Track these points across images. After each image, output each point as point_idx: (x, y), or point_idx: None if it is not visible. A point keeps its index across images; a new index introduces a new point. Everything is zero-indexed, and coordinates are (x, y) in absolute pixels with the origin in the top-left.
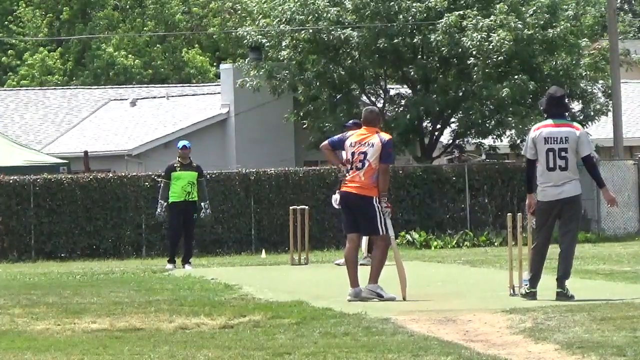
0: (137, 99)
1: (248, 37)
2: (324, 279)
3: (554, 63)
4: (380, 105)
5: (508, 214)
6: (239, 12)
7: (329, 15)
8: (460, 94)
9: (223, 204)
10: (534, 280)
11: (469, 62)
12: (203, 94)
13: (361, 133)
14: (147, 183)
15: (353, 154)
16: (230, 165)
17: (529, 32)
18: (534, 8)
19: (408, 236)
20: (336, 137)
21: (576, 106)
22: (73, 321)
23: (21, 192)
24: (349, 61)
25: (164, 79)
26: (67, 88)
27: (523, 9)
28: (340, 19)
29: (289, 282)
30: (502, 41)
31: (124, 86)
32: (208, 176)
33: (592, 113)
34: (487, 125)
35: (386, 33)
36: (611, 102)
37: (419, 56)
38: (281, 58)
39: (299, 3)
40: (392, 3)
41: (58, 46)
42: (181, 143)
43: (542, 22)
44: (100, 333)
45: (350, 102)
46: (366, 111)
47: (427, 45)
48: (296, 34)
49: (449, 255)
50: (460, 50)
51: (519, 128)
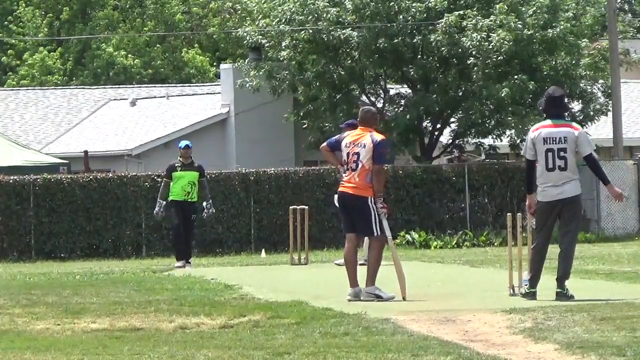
0: (137, 99)
1: (248, 38)
2: (324, 279)
3: (554, 63)
4: (380, 105)
5: (508, 214)
6: (239, 12)
7: (329, 15)
8: (460, 94)
9: (223, 204)
10: (534, 280)
11: (469, 62)
12: (203, 94)
13: (356, 133)
14: (147, 183)
15: (348, 155)
16: (230, 165)
17: (529, 32)
18: (534, 8)
19: (408, 236)
20: (334, 138)
21: (576, 106)
22: (73, 321)
23: (21, 192)
24: (349, 61)
25: (164, 79)
26: (67, 88)
27: (523, 9)
28: (340, 19)
29: (289, 282)
30: (502, 41)
31: (124, 86)
32: (208, 176)
33: (592, 113)
34: (487, 125)
35: (386, 33)
36: (611, 102)
37: (419, 56)
38: (281, 58)
39: (299, 3)
40: (392, 3)
41: (58, 46)
42: (183, 143)
43: (542, 22)
44: (100, 333)
45: (350, 102)
46: (362, 111)
47: (427, 45)
48: (296, 34)
49: (449, 255)
50: (460, 50)
51: (519, 128)
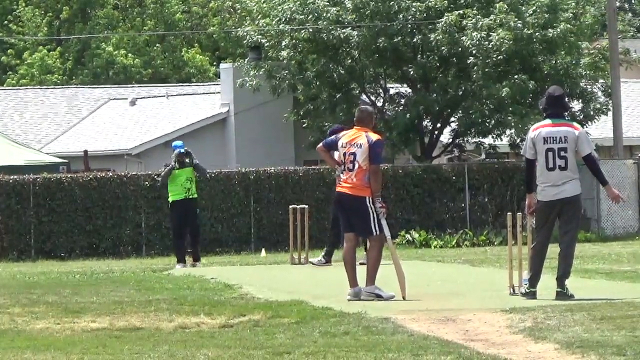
0: (137, 99)
1: (248, 37)
2: (324, 279)
3: (554, 62)
4: (380, 104)
5: (508, 214)
6: (239, 12)
7: (329, 14)
8: (460, 93)
9: (223, 204)
10: (534, 279)
11: (469, 62)
12: (203, 94)
13: (352, 133)
14: (147, 182)
15: (344, 155)
16: (230, 164)
17: (529, 32)
18: (534, 8)
19: (408, 236)
20: (330, 138)
21: (576, 105)
22: (73, 320)
23: (21, 192)
24: (349, 60)
25: (164, 79)
26: (67, 87)
27: (523, 9)
28: (340, 19)
29: (289, 282)
30: (502, 40)
31: (124, 85)
32: (208, 175)
33: (592, 112)
34: (487, 124)
35: (386, 32)
36: (611, 102)
37: (419, 55)
38: (281, 58)
39: (299, 3)
40: (392, 2)
41: (58, 45)
42: (177, 145)
43: (542, 22)
44: (100, 332)
45: (350, 102)
46: (358, 111)
47: (427, 44)
48: (296, 34)
49: (449, 254)
50: (460, 49)
51: (519, 127)
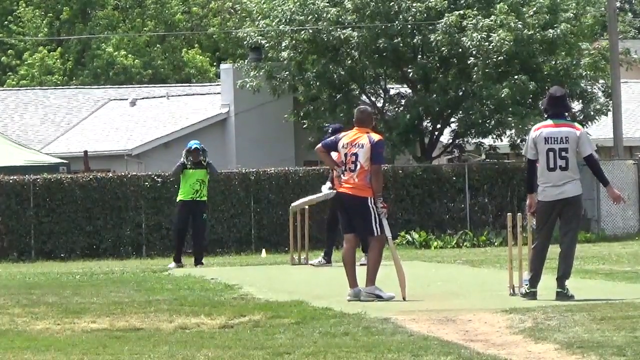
0: (137, 99)
1: (248, 38)
2: (324, 279)
3: (554, 63)
4: (380, 105)
5: (508, 214)
6: (239, 12)
7: (329, 15)
8: (460, 94)
9: (223, 204)
10: (534, 280)
11: (469, 62)
12: (203, 94)
13: (353, 134)
14: (147, 183)
15: (346, 156)
16: (230, 165)
17: (529, 33)
18: (534, 9)
19: (408, 236)
20: (329, 139)
21: (576, 106)
22: (73, 321)
23: (21, 192)
24: (349, 61)
25: (164, 79)
26: (67, 88)
27: (524, 9)
28: (340, 19)
29: (289, 282)
30: (502, 41)
31: (124, 86)
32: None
33: (592, 113)
34: (487, 125)
35: (386, 33)
36: (611, 102)
37: (419, 56)
38: (281, 58)
39: (299, 3)
40: (392, 3)
41: (58, 46)
42: (193, 144)
43: (543, 23)
44: (100, 333)
45: (350, 102)
46: (357, 111)
47: (427, 45)
48: (296, 35)
49: (449, 255)
50: (460, 50)
51: (519, 128)
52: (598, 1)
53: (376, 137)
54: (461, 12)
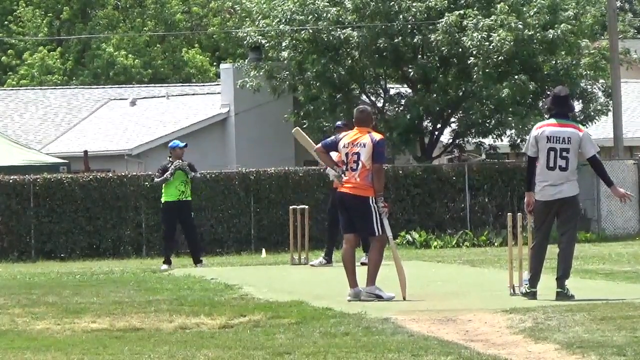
0: (137, 99)
1: (248, 38)
2: (324, 279)
3: (554, 63)
4: (380, 104)
5: (508, 214)
6: (239, 12)
7: (329, 15)
8: (460, 94)
9: (223, 204)
10: (534, 279)
11: (469, 62)
12: (203, 94)
13: (354, 134)
14: (147, 183)
15: (347, 155)
16: (230, 165)
17: (530, 33)
18: (535, 9)
19: (408, 236)
20: (329, 139)
21: (576, 106)
22: (73, 321)
23: (21, 192)
24: (349, 61)
25: (164, 79)
26: (67, 88)
27: (524, 9)
28: (340, 19)
29: (289, 282)
30: (503, 41)
31: (124, 86)
32: (208, 176)
33: (592, 113)
34: (487, 125)
35: (386, 33)
36: (611, 102)
37: (419, 56)
38: (281, 58)
39: (299, 3)
40: (392, 3)
41: (58, 46)
42: (179, 143)
43: (543, 23)
44: (100, 333)
45: (350, 102)
46: (357, 111)
47: (427, 44)
48: (296, 34)
49: (449, 255)
50: (460, 50)
51: (519, 128)
52: (598, 1)
53: (378, 137)
54: (461, 12)
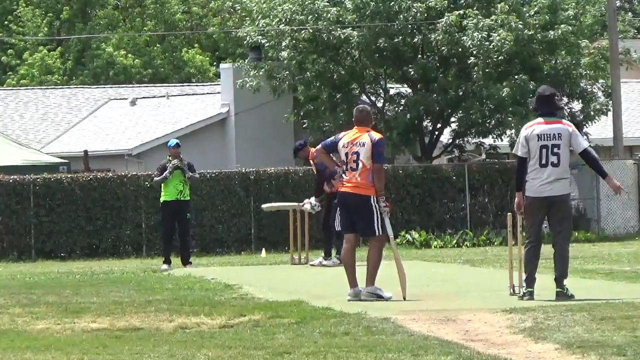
0: (137, 99)
1: (248, 38)
2: (324, 279)
3: (554, 63)
4: (380, 104)
5: (508, 214)
6: (239, 12)
7: (329, 15)
8: (460, 94)
9: (223, 204)
10: (530, 280)
11: (469, 62)
12: (203, 94)
13: (353, 133)
14: (147, 183)
15: (347, 155)
16: (230, 165)
17: (530, 33)
18: (535, 9)
19: (408, 236)
20: (329, 140)
21: (576, 106)
22: (73, 321)
23: (21, 192)
24: (349, 61)
25: (164, 79)
26: (67, 87)
27: (524, 9)
28: (340, 19)
29: (289, 282)
30: (503, 41)
31: (124, 86)
32: (208, 176)
33: (592, 113)
34: (487, 124)
35: (386, 32)
36: (611, 102)
37: (419, 56)
38: (281, 58)
39: (299, 3)
40: (392, 3)
41: (58, 45)
42: (172, 141)
43: (543, 23)
44: (100, 332)
45: (350, 102)
46: (357, 110)
47: (428, 44)
48: (296, 34)
49: (449, 254)
50: (460, 49)
51: (519, 128)
52: (598, 1)
53: (377, 136)
54: (461, 12)
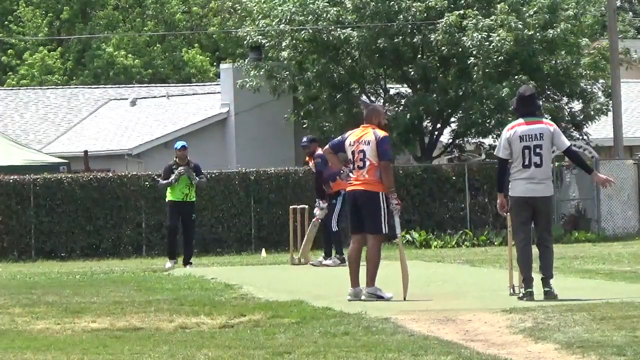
0: (137, 99)
1: (248, 38)
2: (324, 279)
3: (554, 62)
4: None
5: (508, 214)
6: (239, 12)
7: (329, 15)
8: (460, 94)
9: (223, 204)
10: (528, 281)
11: (469, 62)
12: (203, 94)
13: (359, 132)
14: (147, 183)
15: (353, 153)
16: (230, 165)
17: (530, 33)
18: (535, 9)
19: (408, 236)
20: (336, 140)
21: (576, 106)
22: (73, 320)
23: (21, 192)
24: (349, 61)
25: (164, 79)
26: (67, 88)
27: (524, 9)
28: (340, 19)
29: (289, 282)
30: (503, 41)
31: (124, 86)
32: (208, 175)
33: (592, 113)
34: (487, 125)
35: (386, 33)
36: (611, 102)
37: (419, 56)
38: (281, 58)
39: (299, 3)
40: (392, 3)
41: (58, 46)
42: (179, 144)
43: (543, 22)
44: (100, 332)
45: (350, 102)
46: (364, 108)
47: (427, 44)
48: (296, 34)
49: (449, 254)
50: (460, 49)
51: None
52: (598, 1)
53: (381, 134)
54: (461, 12)
